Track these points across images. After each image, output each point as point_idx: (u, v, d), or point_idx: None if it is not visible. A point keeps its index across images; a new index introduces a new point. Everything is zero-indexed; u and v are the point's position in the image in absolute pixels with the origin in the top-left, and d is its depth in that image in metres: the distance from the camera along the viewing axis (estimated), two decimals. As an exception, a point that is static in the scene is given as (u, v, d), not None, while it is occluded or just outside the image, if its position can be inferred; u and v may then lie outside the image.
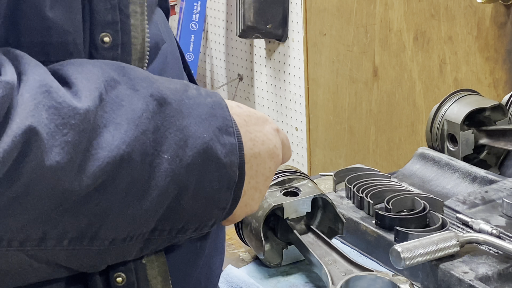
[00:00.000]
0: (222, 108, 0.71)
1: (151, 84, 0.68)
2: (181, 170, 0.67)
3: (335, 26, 2.32)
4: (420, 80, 2.04)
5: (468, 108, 1.32)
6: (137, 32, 0.72)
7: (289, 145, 0.81)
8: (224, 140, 0.70)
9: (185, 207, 0.69)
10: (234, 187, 0.71)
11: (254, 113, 0.77)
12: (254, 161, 0.74)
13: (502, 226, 1.08)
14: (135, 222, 0.66)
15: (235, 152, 0.70)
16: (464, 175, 1.25)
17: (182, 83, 0.72)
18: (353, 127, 2.33)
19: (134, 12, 0.71)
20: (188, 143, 0.67)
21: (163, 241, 0.71)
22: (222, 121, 0.70)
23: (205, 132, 0.69)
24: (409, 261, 0.96)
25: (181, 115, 0.68)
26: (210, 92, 0.73)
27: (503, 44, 1.76)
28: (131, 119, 0.64)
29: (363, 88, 2.26)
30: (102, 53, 0.70)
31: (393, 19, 2.08)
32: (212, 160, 0.69)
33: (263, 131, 0.76)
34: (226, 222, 0.76)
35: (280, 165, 0.78)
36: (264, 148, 0.75)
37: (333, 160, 2.43)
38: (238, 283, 1.05)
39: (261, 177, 0.75)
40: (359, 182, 1.20)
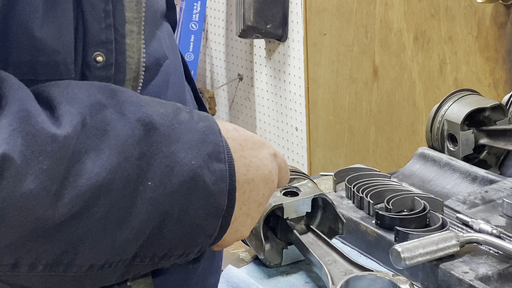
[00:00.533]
0: (214, 133, 0.70)
1: (139, 108, 0.66)
2: (165, 198, 0.66)
3: (335, 26, 2.32)
4: (420, 80, 2.04)
5: (468, 108, 1.32)
6: (132, 51, 0.71)
7: (286, 169, 0.80)
8: (213, 167, 0.68)
9: (168, 235, 0.67)
10: (223, 215, 0.70)
11: (251, 137, 0.76)
12: (247, 187, 0.73)
13: (502, 226, 1.08)
14: (114, 249, 0.65)
15: (225, 179, 0.69)
16: (464, 175, 1.25)
17: (174, 107, 0.70)
18: (353, 127, 2.33)
19: (130, 32, 0.70)
20: (174, 170, 0.66)
21: (146, 267, 0.69)
22: (213, 147, 0.69)
23: (194, 159, 0.67)
24: (409, 261, 0.96)
25: (169, 141, 0.67)
26: (204, 116, 0.72)
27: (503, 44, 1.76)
28: (114, 146, 0.63)
29: (363, 88, 2.26)
30: (94, 72, 0.69)
31: (393, 19, 2.08)
32: (199, 188, 0.67)
33: (259, 156, 0.74)
34: (216, 247, 0.75)
35: (274, 191, 0.77)
36: (259, 174, 0.73)
37: (333, 160, 2.43)
38: (238, 283, 1.05)
39: (253, 203, 0.74)
40: (359, 182, 1.20)
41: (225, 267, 1.08)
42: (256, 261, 1.12)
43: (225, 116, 3.07)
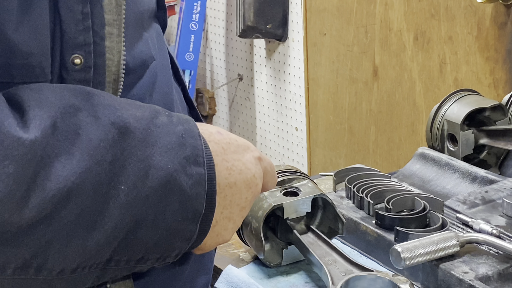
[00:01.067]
0: (193, 136, 0.70)
1: (114, 111, 0.66)
2: (138, 202, 0.65)
3: (335, 26, 2.32)
4: (420, 80, 2.04)
5: (468, 108, 1.32)
6: (112, 54, 0.70)
7: (273, 173, 0.80)
8: (191, 171, 0.68)
9: (143, 239, 0.67)
10: (201, 219, 0.69)
11: (235, 140, 0.75)
12: (228, 191, 0.72)
13: (502, 226, 1.08)
14: (86, 253, 0.65)
15: (203, 183, 0.69)
16: (464, 175, 1.25)
17: (153, 110, 0.70)
18: (353, 127, 2.33)
19: (110, 34, 0.70)
20: (149, 174, 0.66)
21: (122, 270, 0.69)
22: (191, 151, 0.69)
23: (170, 163, 0.67)
24: (409, 261, 0.96)
25: (145, 145, 0.66)
26: (183, 119, 0.71)
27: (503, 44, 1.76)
28: (86, 149, 0.63)
29: (363, 88, 2.26)
30: (73, 75, 0.68)
31: (393, 19, 2.08)
32: (175, 192, 0.67)
33: (242, 159, 0.74)
34: (197, 251, 0.75)
35: (258, 195, 0.76)
36: (241, 177, 0.73)
37: (333, 160, 2.43)
38: (238, 283, 1.05)
39: (235, 207, 0.73)
40: (359, 182, 1.20)
41: (225, 267, 1.08)
42: (256, 261, 1.12)
43: (225, 116, 3.07)
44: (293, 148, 2.67)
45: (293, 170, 1.15)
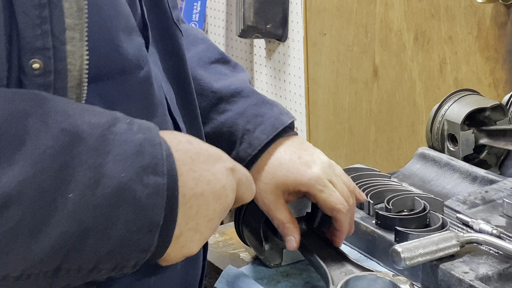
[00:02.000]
0: (153, 145, 0.68)
1: (67, 118, 0.65)
2: (87, 211, 0.64)
3: (335, 26, 2.32)
4: (420, 80, 2.04)
5: (468, 108, 1.32)
6: (74, 58, 0.69)
7: (249, 184, 0.78)
8: (148, 181, 0.67)
9: (94, 248, 0.66)
10: (160, 229, 0.68)
11: (205, 150, 0.74)
12: (195, 202, 0.71)
13: (502, 226, 1.08)
14: (30, 261, 0.63)
15: (161, 193, 0.67)
16: (464, 175, 1.25)
17: (111, 117, 0.68)
18: (353, 127, 2.33)
19: (71, 38, 0.69)
20: (100, 183, 0.64)
21: (75, 279, 0.68)
22: (150, 160, 0.67)
23: (124, 171, 0.66)
24: (409, 261, 0.96)
25: (97, 153, 0.65)
26: (145, 127, 0.70)
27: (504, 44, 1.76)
28: (30, 156, 0.62)
29: (363, 88, 2.26)
30: (32, 80, 0.67)
31: (393, 19, 2.08)
32: (128, 202, 0.66)
33: (211, 170, 0.73)
34: (162, 262, 0.73)
35: (229, 206, 0.75)
36: (209, 188, 0.72)
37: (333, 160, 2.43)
38: (238, 283, 1.05)
39: (202, 219, 0.72)
40: (359, 182, 1.20)
41: (225, 267, 1.08)
42: (256, 261, 1.12)
43: (225, 116, 3.06)
44: (293, 148, 2.67)
45: None
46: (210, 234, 0.74)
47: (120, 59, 0.76)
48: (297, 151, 1.02)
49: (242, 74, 1.08)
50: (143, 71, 0.78)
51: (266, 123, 1.03)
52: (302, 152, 1.02)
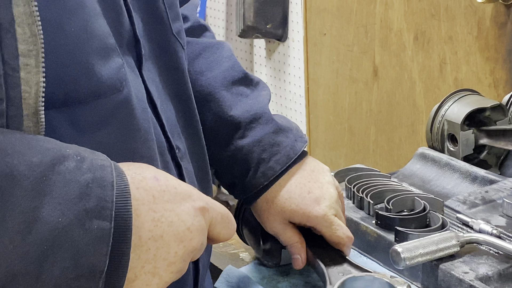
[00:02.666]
0: (103, 186, 0.64)
1: (3, 157, 0.61)
2: (15, 257, 0.60)
3: (335, 26, 2.32)
4: (420, 80, 2.04)
5: (468, 108, 1.32)
6: (29, 86, 0.66)
7: (226, 223, 0.74)
8: (91, 225, 0.62)
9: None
10: (106, 274, 0.64)
11: (173, 187, 0.70)
12: (152, 244, 0.66)
13: (502, 226, 1.08)
14: None
15: (106, 238, 0.63)
16: (464, 175, 1.25)
17: (59, 154, 0.64)
18: (353, 127, 2.33)
19: (25, 65, 0.65)
20: (32, 228, 0.60)
21: None
22: (96, 202, 0.63)
23: (63, 216, 0.62)
24: (409, 261, 0.96)
25: (33, 195, 0.61)
26: (98, 165, 0.65)
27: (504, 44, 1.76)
28: None
29: (363, 88, 2.26)
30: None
31: (393, 19, 2.08)
32: (64, 248, 0.62)
33: (176, 210, 0.68)
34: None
35: (196, 249, 0.70)
36: (171, 230, 0.67)
37: (333, 160, 2.43)
38: (238, 283, 1.05)
39: (161, 262, 0.67)
40: (359, 182, 1.20)
41: (225, 267, 1.08)
42: (256, 261, 1.12)
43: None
44: (293, 148, 2.67)
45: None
46: (172, 277, 0.69)
47: (92, 82, 0.72)
48: (307, 184, 1.03)
49: (263, 94, 1.07)
50: (122, 94, 0.75)
51: (281, 152, 1.03)
52: (312, 185, 1.03)
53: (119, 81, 0.75)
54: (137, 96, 0.78)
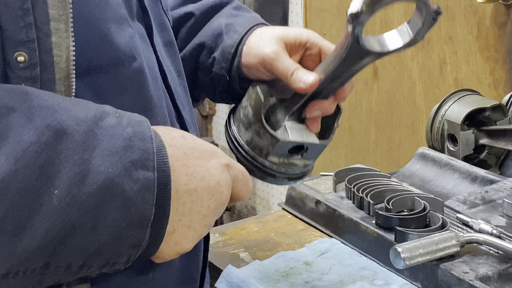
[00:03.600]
0: (143, 139, 0.67)
1: (52, 113, 0.64)
2: (73, 207, 0.63)
3: (335, 26, 2.32)
4: (420, 80, 2.04)
5: (468, 108, 1.32)
6: (60, 50, 0.68)
7: (246, 181, 0.77)
8: (137, 175, 0.65)
9: (82, 244, 0.65)
10: (151, 225, 0.67)
11: (200, 145, 0.73)
12: (188, 198, 0.70)
13: (502, 226, 1.08)
14: (15, 259, 0.63)
15: (151, 188, 0.66)
16: (464, 175, 1.25)
17: (100, 111, 0.67)
18: (353, 127, 2.33)
19: (56, 30, 0.68)
20: (86, 178, 0.63)
21: (65, 276, 0.67)
22: (140, 154, 0.66)
23: (112, 167, 0.65)
24: (409, 261, 0.96)
25: (84, 148, 0.64)
26: (135, 121, 0.69)
27: (504, 44, 1.76)
28: (11, 152, 0.61)
29: (363, 88, 2.26)
30: (17, 73, 0.67)
31: (393, 19, 2.08)
32: (116, 197, 0.65)
33: (206, 166, 0.72)
34: (156, 259, 0.72)
35: (225, 203, 0.73)
36: (203, 184, 0.71)
37: (333, 160, 2.43)
38: (238, 283, 1.05)
39: (196, 215, 0.71)
40: (359, 182, 1.20)
41: (225, 267, 1.08)
42: (256, 261, 1.12)
43: (225, 116, 3.06)
44: (293, 148, 2.67)
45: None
46: (205, 231, 0.72)
47: (112, 50, 0.75)
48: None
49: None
50: (136, 62, 0.77)
51: (246, 16, 1.03)
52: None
53: (134, 50, 0.77)
54: (148, 66, 0.81)
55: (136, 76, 0.77)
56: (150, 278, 0.80)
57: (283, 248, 1.16)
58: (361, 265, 1.09)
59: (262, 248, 1.17)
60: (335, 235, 1.18)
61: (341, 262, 1.10)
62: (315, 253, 1.13)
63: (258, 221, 1.27)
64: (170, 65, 0.90)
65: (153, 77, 0.81)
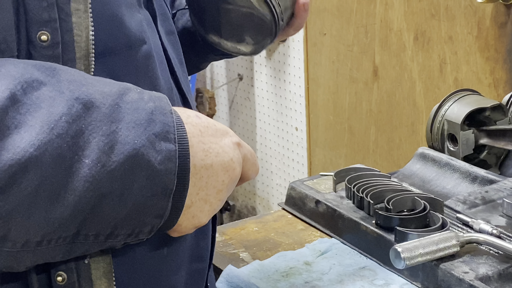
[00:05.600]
0: (164, 113, 0.70)
1: (80, 87, 0.67)
2: (103, 176, 0.66)
3: (335, 26, 2.32)
4: (420, 80, 2.04)
5: (468, 108, 1.32)
6: (80, 29, 0.71)
7: (254, 161, 0.80)
8: (160, 147, 0.69)
9: (111, 213, 0.67)
10: (173, 195, 0.70)
11: (213, 124, 0.76)
12: (204, 172, 0.73)
13: (502, 226, 1.08)
14: (50, 226, 0.65)
15: (173, 159, 0.69)
16: (464, 175, 1.25)
17: (123, 87, 0.70)
18: (353, 127, 2.33)
19: (76, 10, 0.71)
20: (114, 149, 0.66)
21: (93, 245, 0.69)
22: (162, 127, 0.69)
23: (138, 138, 0.67)
24: (409, 261, 0.96)
25: (111, 120, 0.67)
26: (155, 96, 0.72)
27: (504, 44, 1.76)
28: (46, 122, 0.64)
29: (363, 88, 2.26)
30: (41, 52, 0.69)
31: (393, 19, 2.08)
32: (142, 167, 0.67)
33: (219, 143, 0.75)
34: (173, 233, 0.75)
35: (237, 179, 0.77)
36: (218, 160, 0.74)
37: (333, 160, 2.43)
38: (238, 283, 1.05)
39: (212, 190, 0.74)
40: (359, 182, 1.20)
41: (225, 267, 1.08)
42: (256, 261, 1.12)
43: (225, 116, 3.07)
44: (293, 148, 2.67)
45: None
46: (219, 205, 0.76)
47: (125, 33, 0.77)
48: None
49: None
50: (146, 46, 0.80)
51: None
52: None
53: (144, 34, 0.80)
54: (155, 50, 0.83)
55: (145, 59, 0.80)
56: (165, 254, 0.82)
57: (283, 248, 1.16)
58: (361, 265, 1.09)
59: (262, 248, 1.17)
60: (335, 235, 1.18)
61: (341, 262, 1.10)
62: (315, 253, 1.13)
63: (258, 221, 1.27)
64: (172, 52, 0.92)
65: (160, 61, 0.84)
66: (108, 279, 0.74)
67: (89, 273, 0.73)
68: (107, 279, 0.74)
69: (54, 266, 0.71)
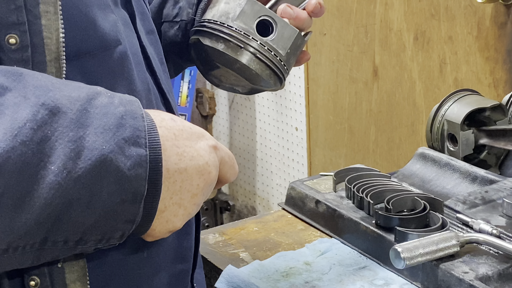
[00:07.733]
0: (135, 118, 0.69)
1: (46, 92, 0.66)
2: (69, 182, 0.65)
3: (335, 26, 2.32)
4: (420, 80, 2.04)
5: (468, 108, 1.32)
6: (50, 32, 0.70)
7: (232, 164, 0.79)
8: (130, 152, 0.68)
9: (79, 219, 0.67)
10: (144, 200, 0.69)
11: (189, 127, 0.75)
12: (178, 177, 0.72)
13: (502, 226, 1.08)
14: (15, 233, 0.64)
15: (144, 164, 0.68)
16: (464, 175, 1.25)
17: (92, 91, 0.69)
18: (353, 127, 2.33)
19: (46, 12, 0.70)
20: (81, 154, 0.65)
21: (62, 251, 0.69)
22: (132, 132, 0.68)
23: (106, 143, 0.67)
24: (409, 261, 0.96)
25: (78, 125, 0.66)
26: (126, 100, 0.71)
27: (503, 44, 1.76)
28: (9, 129, 0.63)
29: (363, 88, 2.26)
30: (9, 55, 0.68)
31: (393, 19, 2.08)
32: (111, 173, 0.67)
33: (194, 146, 0.74)
34: (147, 237, 0.74)
35: (213, 183, 0.76)
36: (193, 163, 0.73)
37: (333, 160, 2.43)
38: (238, 283, 1.05)
39: (186, 194, 0.73)
40: (359, 182, 1.20)
41: (225, 267, 1.08)
42: (256, 261, 1.12)
43: (225, 116, 3.06)
44: (293, 148, 2.67)
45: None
46: (194, 209, 0.75)
47: (98, 35, 0.76)
48: None
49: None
50: (121, 47, 0.79)
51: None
52: None
53: (119, 34, 0.79)
54: (131, 51, 0.82)
55: (121, 60, 0.79)
56: (145, 257, 0.81)
57: (283, 248, 1.16)
58: (361, 265, 1.09)
59: (262, 248, 1.17)
60: (335, 235, 1.18)
61: (341, 262, 1.10)
62: (315, 253, 1.13)
63: (258, 221, 1.27)
64: (153, 52, 0.91)
65: (136, 61, 0.83)
66: (82, 282, 0.74)
67: (63, 277, 0.73)
68: (82, 282, 0.74)
69: (27, 270, 0.71)
